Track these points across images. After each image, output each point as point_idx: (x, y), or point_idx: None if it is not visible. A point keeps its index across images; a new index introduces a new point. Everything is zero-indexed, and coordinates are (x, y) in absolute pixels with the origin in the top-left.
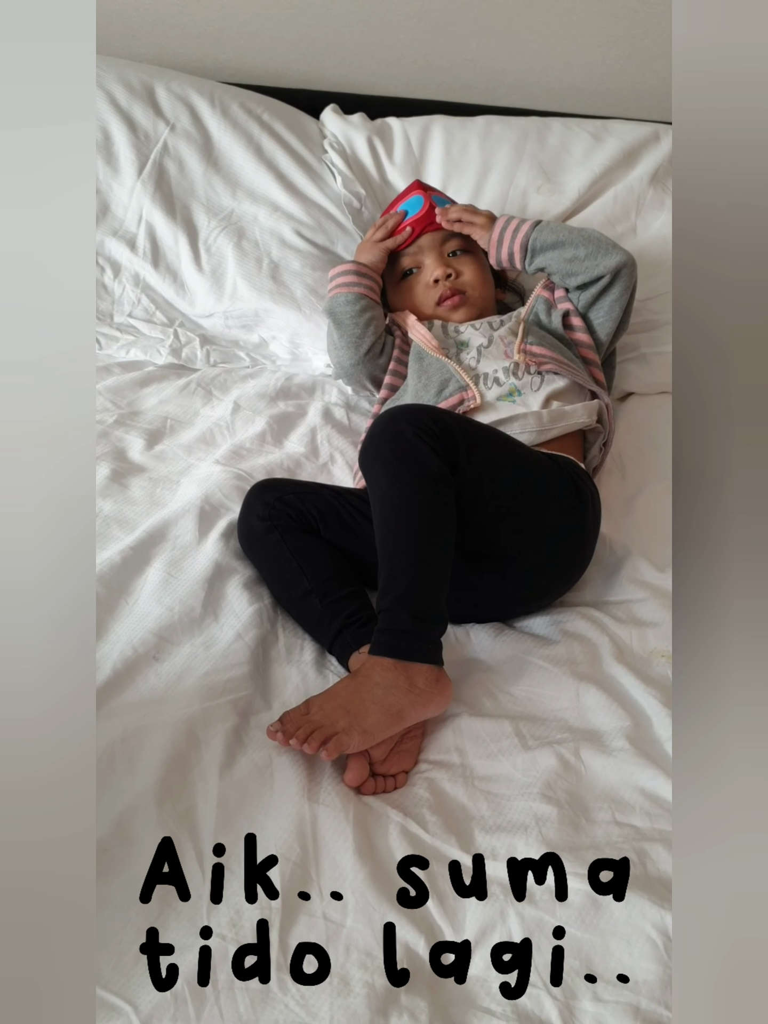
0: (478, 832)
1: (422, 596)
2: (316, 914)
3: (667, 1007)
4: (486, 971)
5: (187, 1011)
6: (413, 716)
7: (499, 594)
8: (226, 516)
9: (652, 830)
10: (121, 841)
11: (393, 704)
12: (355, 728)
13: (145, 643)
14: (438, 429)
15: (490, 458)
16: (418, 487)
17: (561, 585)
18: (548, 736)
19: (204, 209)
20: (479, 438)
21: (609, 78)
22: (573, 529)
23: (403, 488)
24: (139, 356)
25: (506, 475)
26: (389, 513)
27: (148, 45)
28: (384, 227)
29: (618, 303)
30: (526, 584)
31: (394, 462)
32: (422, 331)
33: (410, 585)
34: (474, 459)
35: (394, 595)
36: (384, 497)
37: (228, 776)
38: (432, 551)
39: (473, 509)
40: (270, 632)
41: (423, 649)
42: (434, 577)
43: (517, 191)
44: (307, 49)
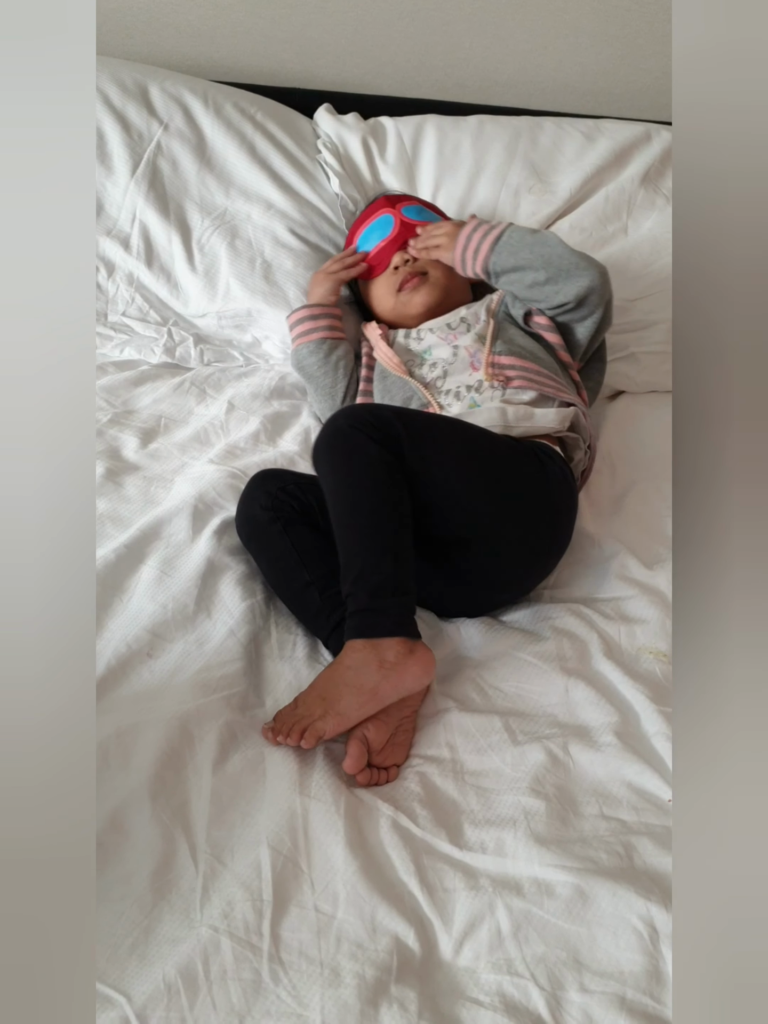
0: (467, 826)
1: (377, 573)
2: (307, 906)
3: (653, 997)
4: (475, 962)
5: (180, 1002)
6: (389, 691)
7: (469, 581)
8: (220, 514)
9: (639, 824)
10: (115, 835)
11: (365, 683)
12: (330, 713)
13: (139, 640)
14: (374, 419)
15: (437, 442)
16: (359, 474)
17: (531, 571)
18: (537, 731)
19: (197, 208)
20: (424, 424)
21: (602, 77)
22: (538, 512)
23: (345, 478)
24: (133, 355)
25: (457, 459)
26: (336, 505)
27: (142, 43)
28: (341, 262)
29: (588, 320)
30: (493, 570)
31: (335, 457)
32: (384, 349)
33: (363, 566)
34: (421, 445)
35: (351, 579)
36: (331, 492)
37: (221, 771)
38: (382, 529)
39: (427, 495)
40: (263, 628)
41: (387, 623)
42: (387, 553)
43: (509, 190)
44: (301, 48)
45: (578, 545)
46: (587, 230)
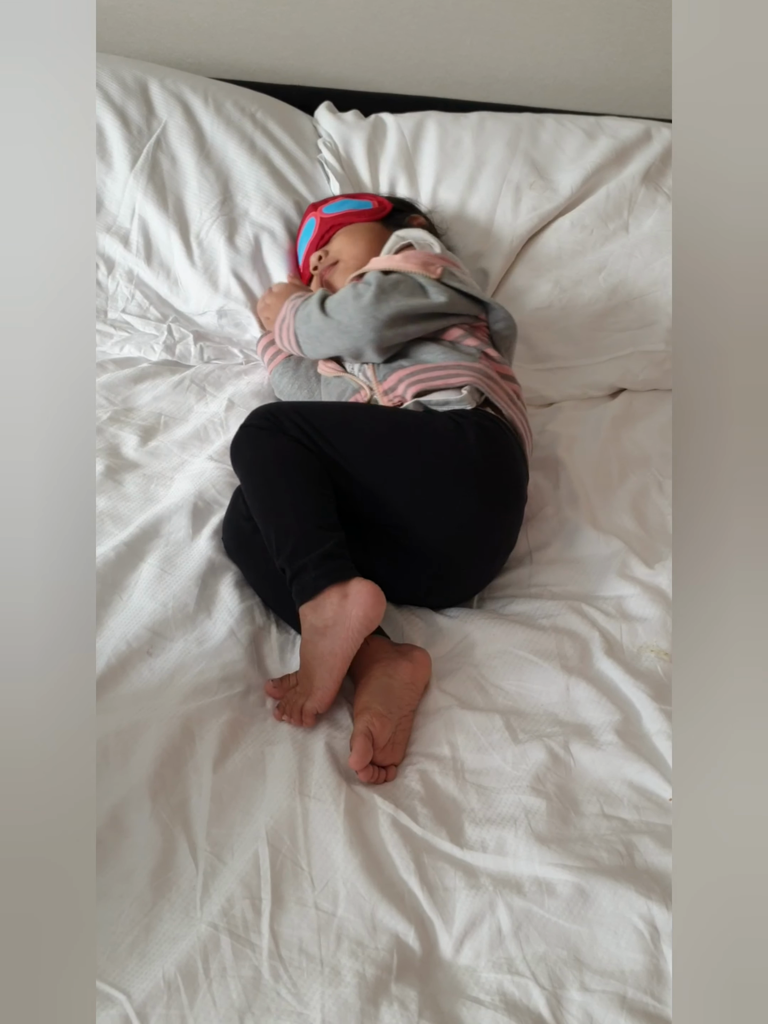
0: (468, 824)
1: (286, 539)
2: (307, 904)
3: (653, 996)
4: (475, 961)
5: (180, 999)
6: (344, 640)
7: (411, 566)
8: (219, 512)
9: (640, 823)
10: (115, 833)
11: (323, 650)
12: (313, 690)
13: (139, 638)
14: (263, 411)
15: (337, 428)
16: (250, 462)
17: (469, 544)
18: (538, 730)
19: (196, 201)
20: (318, 410)
21: (603, 74)
22: (456, 479)
23: (244, 472)
24: (133, 352)
25: (354, 435)
26: (250, 502)
27: (143, 40)
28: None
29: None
30: (433, 548)
31: (236, 459)
32: (324, 362)
33: (276, 539)
34: (325, 434)
35: (273, 554)
36: (245, 491)
37: (221, 770)
38: (278, 497)
39: (347, 483)
40: (263, 628)
41: (311, 582)
42: (290, 515)
43: (510, 187)
44: (301, 45)
45: (579, 542)
46: (588, 227)
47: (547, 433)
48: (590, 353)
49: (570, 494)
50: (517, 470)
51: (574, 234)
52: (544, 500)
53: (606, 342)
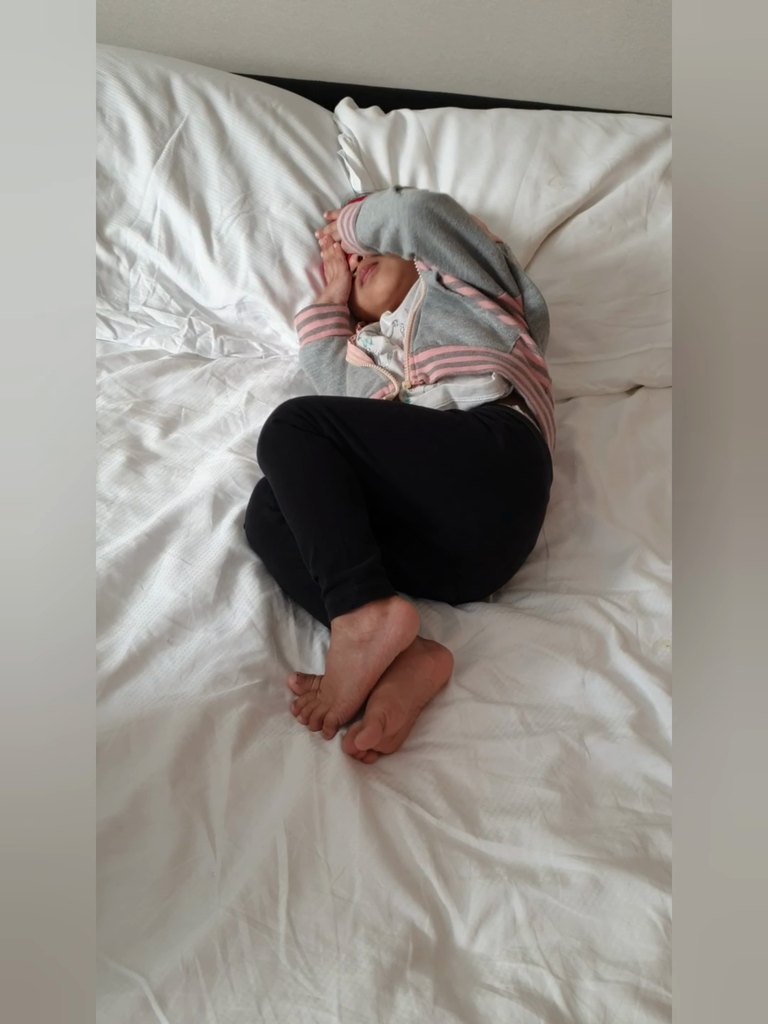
0: (483, 815)
1: (330, 549)
2: (324, 890)
3: (667, 987)
4: (490, 949)
5: (198, 983)
6: (377, 661)
7: (432, 563)
8: (239, 504)
9: (654, 815)
10: (136, 819)
11: (352, 662)
12: (336, 702)
13: (160, 627)
14: (295, 407)
15: (369, 430)
16: (288, 463)
17: (492, 546)
18: (552, 723)
19: (217, 198)
20: (350, 404)
21: (622, 72)
22: (485, 483)
23: (279, 471)
24: (154, 345)
25: (387, 437)
26: (281, 500)
27: (164, 36)
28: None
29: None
30: (455, 548)
31: (270, 455)
32: (354, 351)
33: (316, 547)
34: (358, 435)
35: (310, 563)
36: (275, 488)
37: (240, 759)
38: (321, 505)
39: (375, 481)
40: (282, 619)
41: (352, 595)
42: (333, 527)
43: (529, 183)
44: (322, 41)
45: (596, 537)
46: (606, 224)
47: (564, 428)
48: (607, 349)
49: (587, 489)
50: (543, 474)
51: (592, 230)
52: (561, 495)
53: (624, 338)
